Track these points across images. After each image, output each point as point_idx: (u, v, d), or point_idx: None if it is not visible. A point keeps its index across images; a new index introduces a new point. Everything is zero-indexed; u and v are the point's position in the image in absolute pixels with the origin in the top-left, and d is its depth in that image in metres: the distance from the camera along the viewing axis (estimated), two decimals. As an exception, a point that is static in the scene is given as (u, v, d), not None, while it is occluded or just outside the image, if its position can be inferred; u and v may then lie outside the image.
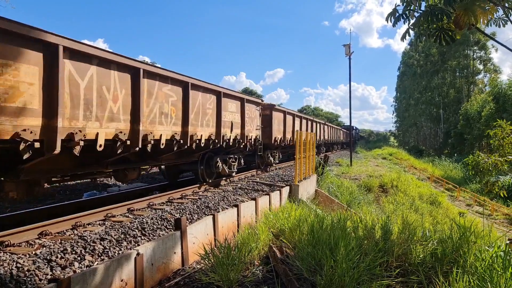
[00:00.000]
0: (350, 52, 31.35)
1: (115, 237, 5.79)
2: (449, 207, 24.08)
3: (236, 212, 7.88)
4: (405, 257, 4.83)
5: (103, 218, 7.05)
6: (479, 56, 60.43)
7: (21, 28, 4.71)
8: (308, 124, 25.16)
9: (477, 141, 42.74)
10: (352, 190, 17.76)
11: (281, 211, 8.47)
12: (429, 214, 19.15)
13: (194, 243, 6.02)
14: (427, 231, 5.61)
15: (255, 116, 13.57)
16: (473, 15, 4.85)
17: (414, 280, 4.22)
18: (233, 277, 4.43)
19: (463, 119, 47.56)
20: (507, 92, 39.28)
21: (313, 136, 16.50)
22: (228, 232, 7.27)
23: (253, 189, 11.48)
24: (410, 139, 77.99)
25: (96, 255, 5.13)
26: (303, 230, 6.02)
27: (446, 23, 5.44)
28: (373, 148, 64.89)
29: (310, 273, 4.45)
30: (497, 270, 3.83)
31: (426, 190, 25.85)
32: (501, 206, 25.08)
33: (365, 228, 5.76)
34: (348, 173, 24.40)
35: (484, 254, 4.35)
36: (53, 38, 5.16)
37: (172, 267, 5.42)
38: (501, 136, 14.53)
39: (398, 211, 15.66)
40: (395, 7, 5.69)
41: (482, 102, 43.94)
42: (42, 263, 4.59)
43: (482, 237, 5.20)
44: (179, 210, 7.89)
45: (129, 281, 4.52)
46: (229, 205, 8.75)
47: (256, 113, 13.74)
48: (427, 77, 64.65)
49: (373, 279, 4.10)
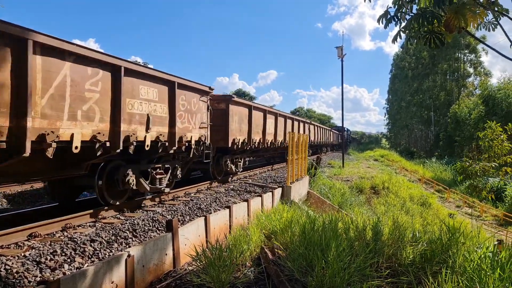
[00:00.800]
0: (343, 54, 31.57)
1: (106, 239, 5.75)
2: (439, 208, 24.33)
3: (228, 213, 7.87)
4: (395, 258, 4.86)
5: (93, 220, 6.98)
6: (470, 59, 61.23)
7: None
8: (287, 123, 20.65)
9: (467, 143, 43.20)
10: (344, 191, 17.86)
11: (273, 213, 8.48)
12: (420, 215, 19.31)
13: (186, 245, 6.00)
14: (417, 232, 5.66)
15: (197, 109, 9.68)
16: (463, 19, 4.91)
17: (404, 280, 4.25)
18: (225, 279, 4.42)
19: (452, 122, 48.07)
20: (496, 95, 39.79)
21: (305, 137, 16.52)
22: (220, 233, 7.26)
23: (245, 190, 11.48)
24: (402, 141, 78.67)
25: (86, 257, 5.08)
26: (295, 232, 6.04)
27: (437, 26, 5.50)
28: (365, 150, 65.36)
29: (301, 274, 4.46)
30: (486, 270, 3.87)
31: (416, 192, 26.08)
32: (490, 208, 25.38)
33: (356, 229, 5.79)
34: (340, 174, 24.52)
35: (472, 255, 4.39)
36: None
37: (164, 269, 5.39)
38: (491, 137, 14.73)
39: (389, 213, 15.77)
40: (387, 9, 5.74)
41: (473, 105, 44.45)
42: (31, 265, 4.54)
43: (471, 238, 5.25)
44: (170, 211, 7.86)
45: (120, 283, 4.49)
46: (221, 207, 8.74)
47: (201, 105, 9.90)
48: (418, 79, 65.31)
49: (364, 280, 4.12)
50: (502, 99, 38.90)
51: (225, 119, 12.21)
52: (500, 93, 39.84)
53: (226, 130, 12.20)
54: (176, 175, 9.45)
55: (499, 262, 4.02)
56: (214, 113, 11.11)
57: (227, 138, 12.23)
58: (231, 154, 13.49)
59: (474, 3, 5.18)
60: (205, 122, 10.17)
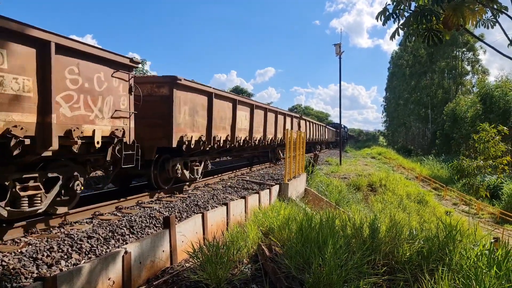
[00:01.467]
0: (341, 51, 31.53)
1: (103, 236, 5.74)
2: (436, 206, 24.39)
3: (226, 210, 7.87)
4: (392, 255, 4.88)
5: (90, 216, 6.97)
6: (468, 58, 61.28)
7: None
8: (269, 118, 16.81)
9: (464, 141, 43.34)
10: (341, 189, 17.90)
11: (270, 210, 8.50)
12: (417, 213, 19.37)
13: (183, 242, 5.99)
14: (414, 229, 5.68)
15: (108, 90, 6.70)
16: (462, 16, 4.91)
17: (401, 278, 4.27)
18: (222, 275, 4.42)
19: (449, 120, 48.14)
20: (494, 93, 39.88)
21: (303, 135, 16.51)
22: (218, 230, 7.26)
23: (243, 187, 11.47)
24: (399, 139, 78.80)
25: (83, 254, 5.08)
26: (292, 229, 6.05)
27: (435, 23, 5.50)
28: (363, 147, 65.39)
29: (298, 271, 4.47)
30: (482, 268, 3.89)
31: (414, 189, 26.14)
32: (487, 205, 25.48)
33: (353, 226, 5.80)
34: (337, 172, 24.57)
35: (469, 253, 4.42)
36: None
37: (161, 266, 5.39)
38: (486, 139, 14.84)
39: (386, 210, 15.81)
40: (385, 6, 5.74)
41: (471, 103, 44.52)
42: (28, 262, 4.53)
43: (467, 236, 5.28)
44: (168, 208, 7.85)
45: (117, 280, 4.48)
46: (219, 203, 8.74)
47: (115, 85, 6.91)
48: (416, 77, 65.36)
49: (361, 277, 4.13)
50: (500, 98, 38.98)
51: (167, 110, 8.80)
52: (497, 91, 39.91)
53: (169, 125, 8.79)
54: (74, 189, 6.38)
55: (496, 259, 4.04)
56: (151, 100, 8.63)
57: (171, 135, 8.77)
58: (186, 156, 10.24)
59: (473, 0, 5.18)
60: (124, 109, 7.10)
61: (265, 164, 19.22)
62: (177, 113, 9.07)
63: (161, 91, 8.91)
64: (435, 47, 44.92)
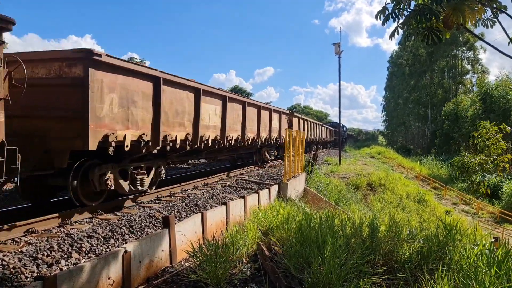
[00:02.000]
0: (340, 50, 31.54)
1: (103, 235, 5.74)
2: (436, 205, 24.41)
3: (225, 210, 7.87)
4: (391, 255, 4.88)
5: (90, 216, 6.97)
6: (468, 57, 61.27)
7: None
8: (248, 113, 13.79)
9: (464, 140, 43.35)
10: (340, 188, 17.91)
11: (269, 209, 8.50)
12: (416, 213, 19.39)
13: (183, 241, 5.99)
14: (413, 229, 5.68)
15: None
16: (462, 15, 4.91)
17: (400, 277, 4.27)
18: (221, 275, 4.42)
19: (448, 119, 48.13)
20: (494, 92, 39.91)
21: (303, 134, 16.51)
22: (217, 230, 7.25)
23: (242, 187, 11.48)
24: (399, 138, 78.86)
25: (83, 253, 5.08)
26: (292, 228, 6.05)
27: (435, 22, 5.49)
28: (362, 147, 65.46)
29: (298, 271, 4.47)
30: (482, 267, 3.89)
31: (413, 189, 26.16)
32: (487, 205, 25.50)
33: (353, 226, 5.80)
34: (336, 171, 24.57)
35: (469, 252, 4.42)
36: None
37: (160, 265, 5.39)
38: (486, 137, 14.84)
39: (386, 210, 15.82)
40: (385, 5, 5.73)
41: (471, 102, 44.53)
42: (28, 261, 4.53)
43: (467, 235, 5.28)
44: (167, 208, 7.85)
45: (117, 279, 4.48)
46: (218, 203, 8.74)
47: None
48: (415, 77, 65.36)
49: (360, 277, 4.13)
50: (500, 97, 39.02)
51: (82, 98, 6.18)
52: (497, 90, 39.94)
53: (83, 119, 6.17)
54: None
55: (496, 259, 4.05)
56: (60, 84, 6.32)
57: (86, 133, 6.16)
58: (126, 162, 7.78)
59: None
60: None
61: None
62: (97, 103, 6.38)
63: (73, 71, 6.25)
64: (434, 46, 45.00)
